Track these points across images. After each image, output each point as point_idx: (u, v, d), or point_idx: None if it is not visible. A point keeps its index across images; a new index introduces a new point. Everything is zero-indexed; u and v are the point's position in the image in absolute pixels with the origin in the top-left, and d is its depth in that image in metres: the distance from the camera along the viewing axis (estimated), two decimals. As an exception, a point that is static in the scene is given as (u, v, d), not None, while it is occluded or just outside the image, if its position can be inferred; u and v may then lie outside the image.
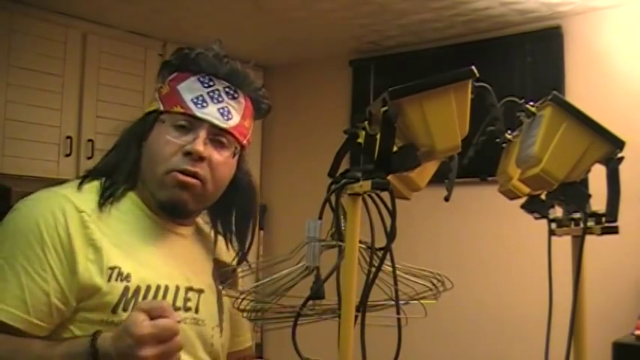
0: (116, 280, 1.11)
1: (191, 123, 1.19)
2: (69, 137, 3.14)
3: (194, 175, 1.18)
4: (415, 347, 2.34)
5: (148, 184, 1.20)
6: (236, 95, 1.23)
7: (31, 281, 1.06)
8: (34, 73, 3.02)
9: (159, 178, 1.18)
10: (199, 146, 1.17)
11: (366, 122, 1.09)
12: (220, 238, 1.36)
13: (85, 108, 3.21)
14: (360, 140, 1.14)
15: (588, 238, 1.18)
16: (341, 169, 1.15)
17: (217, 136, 1.21)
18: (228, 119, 1.21)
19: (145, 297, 1.14)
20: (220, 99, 1.21)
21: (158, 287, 1.16)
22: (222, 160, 1.22)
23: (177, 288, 1.20)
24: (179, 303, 1.19)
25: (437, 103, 1.02)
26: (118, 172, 1.20)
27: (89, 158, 3.15)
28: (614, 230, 1.16)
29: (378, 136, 1.03)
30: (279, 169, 4.05)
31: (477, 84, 1.08)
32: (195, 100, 1.19)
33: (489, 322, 3.15)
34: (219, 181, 1.23)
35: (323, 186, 1.19)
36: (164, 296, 1.17)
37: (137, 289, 1.13)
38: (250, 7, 3.08)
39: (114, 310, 1.10)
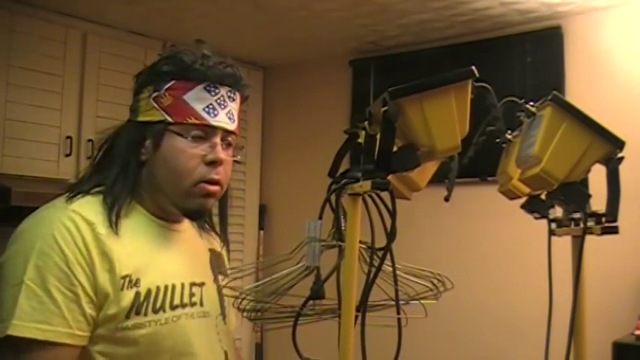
0: (127, 287, 1.16)
1: (206, 132, 1.23)
2: (69, 137, 3.13)
3: (217, 183, 1.24)
4: (415, 347, 2.34)
5: (170, 195, 1.23)
6: (234, 97, 1.28)
7: (64, 298, 1.10)
8: (34, 73, 3.02)
9: (186, 190, 1.22)
10: (221, 154, 1.23)
11: (366, 122, 1.09)
12: (208, 228, 1.43)
13: (85, 108, 3.20)
14: (360, 140, 1.14)
15: (588, 238, 1.18)
16: (341, 169, 1.16)
17: (226, 138, 1.26)
18: (233, 121, 1.27)
19: (155, 298, 1.19)
20: (225, 104, 1.25)
21: (166, 287, 1.22)
22: (230, 159, 1.28)
23: (183, 285, 1.26)
24: (186, 299, 1.25)
25: (437, 103, 1.02)
26: (121, 186, 1.22)
27: (89, 158, 3.14)
28: (614, 230, 1.16)
29: (378, 136, 1.03)
30: (279, 169, 4.05)
31: (477, 84, 1.08)
32: (207, 110, 1.22)
33: (489, 321, 3.15)
34: (228, 178, 1.30)
35: (323, 186, 1.19)
36: (172, 294, 1.23)
37: (148, 292, 1.19)
38: (250, 7, 3.08)
39: (127, 315, 1.15)
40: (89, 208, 1.18)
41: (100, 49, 3.27)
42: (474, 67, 1.05)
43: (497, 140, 1.33)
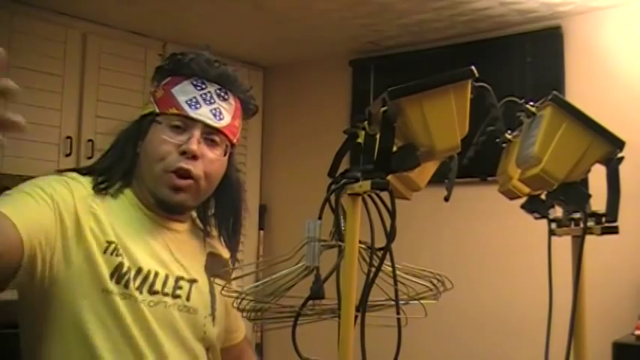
0: (111, 254, 1.18)
1: (186, 123, 1.25)
2: (69, 137, 3.14)
3: (188, 174, 1.24)
4: (415, 347, 2.34)
5: (147, 181, 1.26)
6: (226, 97, 1.30)
7: (35, 202, 1.11)
8: (34, 73, 3.02)
9: (157, 176, 1.24)
10: (193, 145, 1.23)
11: (366, 122, 1.09)
12: (213, 232, 1.43)
13: (85, 108, 3.20)
14: (360, 140, 1.14)
15: (588, 238, 1.17)
16: (341, 169, 1.15)
17: (210, 135, 1.27)
18: (220, 119, 1.27)
19: (135, 277, 1.20)
20: (212, 100, 1.27)
21: (149, 271, 1.23)
22: (215, 157, 1.28)
23: (167, 276, 1.26)
24: (168, 290, 1.25)
25: (436, 103, 1.02)
26: (114, 171, 1.27)
27: (89, 158, 3.15)
28: (614, 230, 1.15)
29: (378, 136, 1.03)
30: (279, 169, 4.04)
31: (476, 84, 1.07)
32: (189, 102, 1.25)
33: (489, 321, 3.15)
34: (212, 177, 1.29)
35: (323, 186, 1.19)
36: (153, 280, 1.23)
37: (129, 269, 1.19)
38: (250, 7, 3.08)
39: (112, 276, 1.17)
40: (84, 180, 1.24)
41: (100, 49, 3.27)
42: (473, 67, 1.04)
43: (497, 140, 1.32)
